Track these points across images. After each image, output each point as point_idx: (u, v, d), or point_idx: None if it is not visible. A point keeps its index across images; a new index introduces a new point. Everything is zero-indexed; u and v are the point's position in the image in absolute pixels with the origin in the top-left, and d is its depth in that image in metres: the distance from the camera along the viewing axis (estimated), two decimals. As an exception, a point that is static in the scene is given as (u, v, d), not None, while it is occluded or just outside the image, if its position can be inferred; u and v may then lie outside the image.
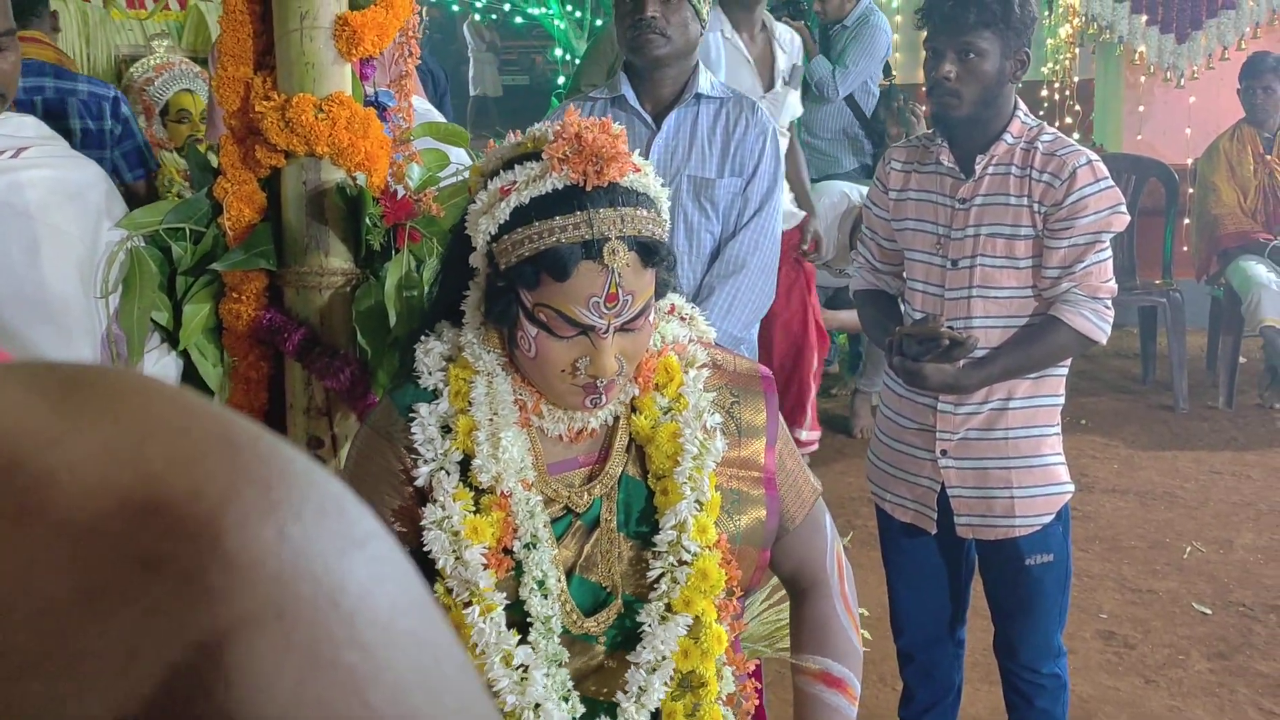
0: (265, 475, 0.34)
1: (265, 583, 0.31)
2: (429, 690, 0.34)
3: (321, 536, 0.33)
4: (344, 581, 0.33)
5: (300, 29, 2.21)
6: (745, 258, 3.00)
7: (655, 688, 1.66)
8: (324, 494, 0.35)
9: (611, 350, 1.60)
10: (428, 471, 1.67)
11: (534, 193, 1.56)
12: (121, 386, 0.34)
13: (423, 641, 0.35)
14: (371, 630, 0.33)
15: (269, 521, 0.32)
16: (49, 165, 2.28)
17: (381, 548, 0.35)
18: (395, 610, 0.34)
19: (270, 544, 0.32)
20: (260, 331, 2.29)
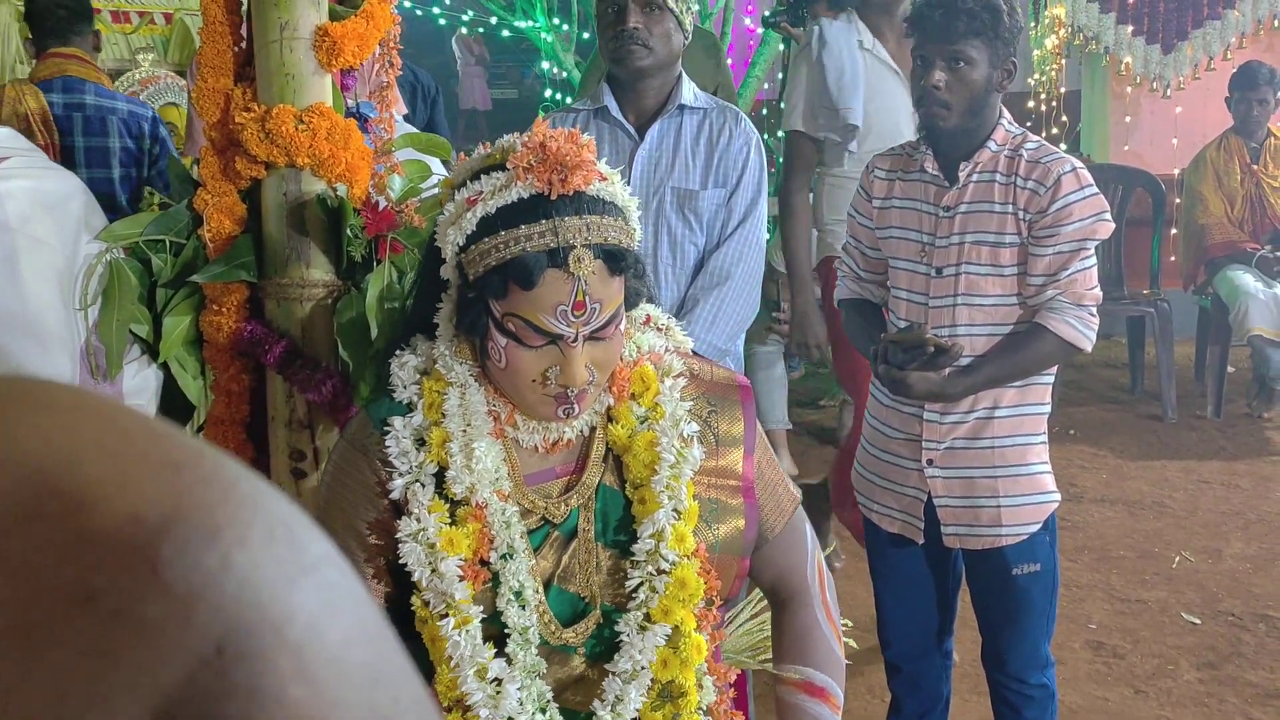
0: (208, 498, 0.32)
1: (206, 615, 0.30)
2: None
3: (268, 563, 0.32)
4: (292, 611, 0.31)
5: (280, 40, 2.20)
6: (729, 269, 2.99)
7: (632, 697, 1.66)
8: (272, 517, 0.33)
9: (581, 359, 1.60)
10: (403, 484, 1.67)
11: (500, 202, 1.57)
12: (51, 402, 0.32)
13: (376, 674, 0.33)
14: (320, 663, 0.31)
15: (212, 548, 0.30)
16: (28, 176, 2.27)
17: (333, 574, 0.34)
18: (347, 641, 0.33)
19: (212, 573, 0.30)
20: (241, 344, 2.27)
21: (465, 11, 10.16)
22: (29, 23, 4.22)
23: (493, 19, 8.75)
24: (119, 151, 3.88)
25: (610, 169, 1.65)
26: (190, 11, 5.49)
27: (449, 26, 11.74)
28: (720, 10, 7.86)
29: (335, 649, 0.32)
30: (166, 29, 5.79)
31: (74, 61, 4.04)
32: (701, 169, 3.03)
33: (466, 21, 10.47)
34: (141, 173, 3.94)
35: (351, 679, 0.32)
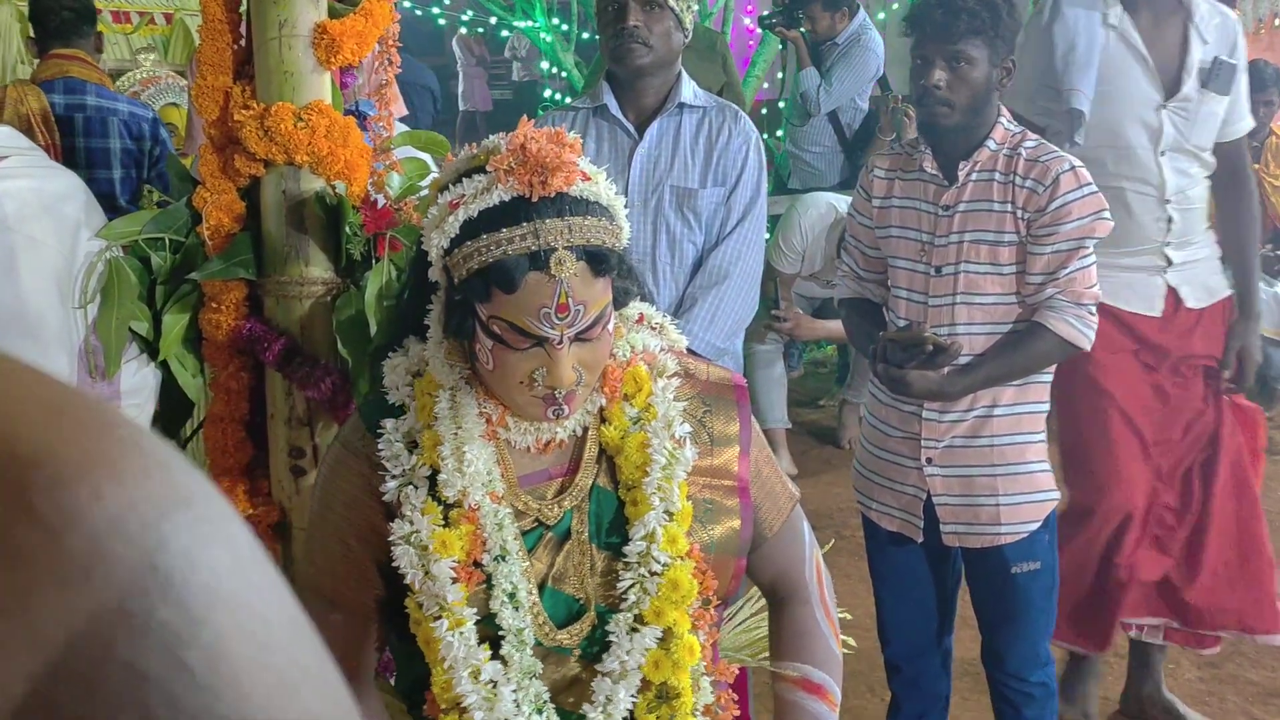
0: (84, 437, 0.33)
1: (77, 542, 0.31)
2: (255, 650, 0.33)
3: (141, 497, 0.32)
4: (163, 539, 0.32)
5: (279, 37, 2.21)
6: (728, 268, 2.99)
7: (621, 698, 1.65)
8: (147, 456, 0.34)
9: (568, 361, 1.59)
10: (395, 486, 1.67)
11: (481, 205, 1.56)
12: None
13: (250, 603, 0.34)
14: (191, 590, 0.32)
15: (84, 481, 0.32)
16: (27, 175, 2.27)
17: (209, 509, 0.34)
18: (219, 570, 0.33)
19: (83, 504, 0.31)
20: (240, 341, 2.27)
21: (465, 11, 10.16)
22: (33, 23, 4.23)
23: (493, 19, 8.75)
24: (120, 153, 3.89)
25: (595, 168, 1.63)
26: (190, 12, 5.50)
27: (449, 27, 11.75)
28: (720, 10, 7.86)
29: (207, 578, 0.33)
30: (167, 29, 5.80)
31: (76, 63, 4.05)
32: (701, 167, 3.03)
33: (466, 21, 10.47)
34: (142, 174, 3.95)
35: (224, 605, 0.33)
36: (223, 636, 0.32)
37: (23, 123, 3.67)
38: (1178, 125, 3.34)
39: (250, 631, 0.33)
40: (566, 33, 8.24)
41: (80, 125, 3.92)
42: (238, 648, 0.33)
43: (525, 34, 8.70)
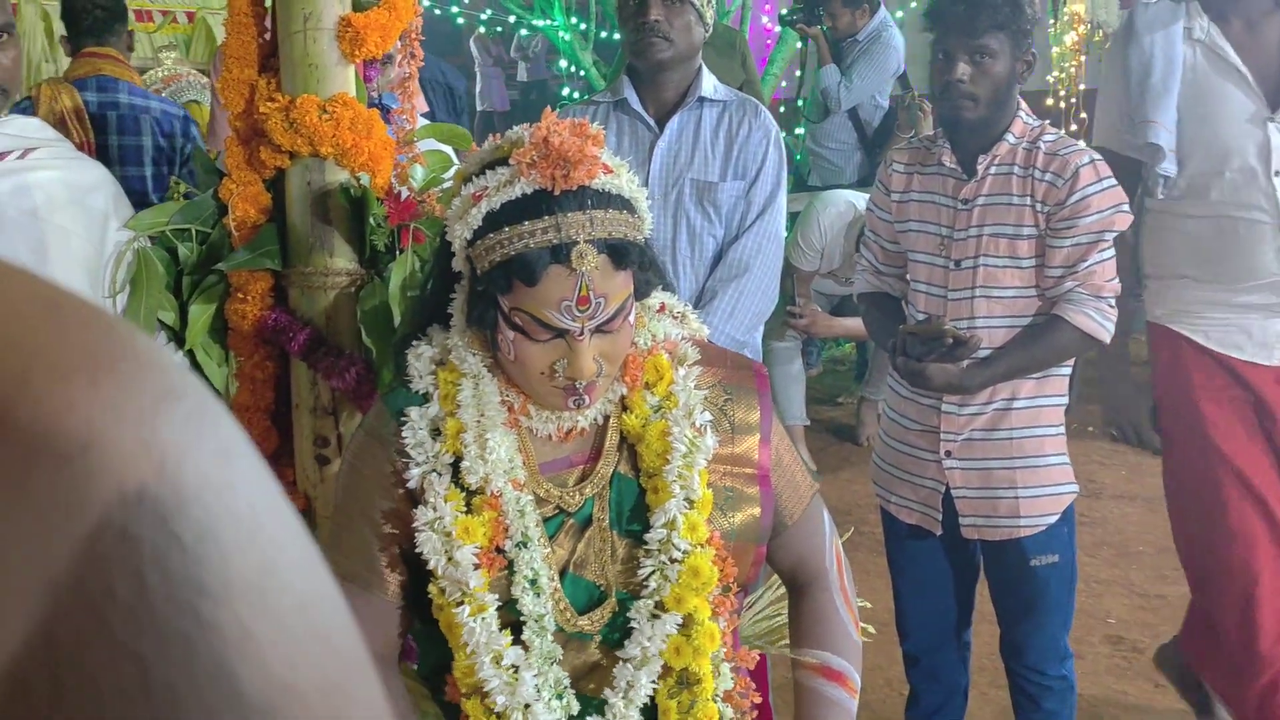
0: (80, 334, 0.35)
1: (75, 424, 0.33)
2: (239, 530, 0.35)
3: (137, 389, 0.35)
4: (156, 427, 0.34)
5: (304, 31, 2.23)
6: (748, 261, 3.00)
7: (642, 684, 1.67)
8: (142, 354, 0.36)
9: (589, 352, 1.61)
10: (419, 474, 1.68)
11: (504, 198, 1.58)
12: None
13: (235, 486, 0.36)
14: (182, 471, 0.34)
15: (81, 372, 0.34)
16: (55, 167, 2.30)
17: (202, 404, 0.37)
18: (209, 457, 0.36)
19: (80, 391, 0.33)
20: (266, 331, 2.30)
21: (484, 10, 10.18)
22: (65, 22, 4.28)
23: (511, 18, 8.77)
24: (151, 150, 3.93)
25: (618, 160, 1.65)
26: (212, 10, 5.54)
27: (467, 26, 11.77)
28: (738, 9, 7.87)
29: (196, 462, 0.35)
30: (189, 28, 5.83)
31: (109, 61, 4.10)
32: (720, 161, 3.04)
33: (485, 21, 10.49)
34: (174, 171, 3.99)
35: (212, 486, 0.35)
36: (210, 514, 0.34)
37: (57, 120, 3.71)
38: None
39: (235, 512, 0.35)
40: (585, 31, 8.25)
41: (113, 123, 3.96)
42: (223, 526, 0.35)
43: (544, 33, 8.72)
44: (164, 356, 0.37)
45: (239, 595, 0.35)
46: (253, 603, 0.35)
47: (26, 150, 2.28)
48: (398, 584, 1.73)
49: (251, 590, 0.35)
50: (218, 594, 0.34)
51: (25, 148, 2.28)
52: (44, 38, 5.01)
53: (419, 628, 1.80)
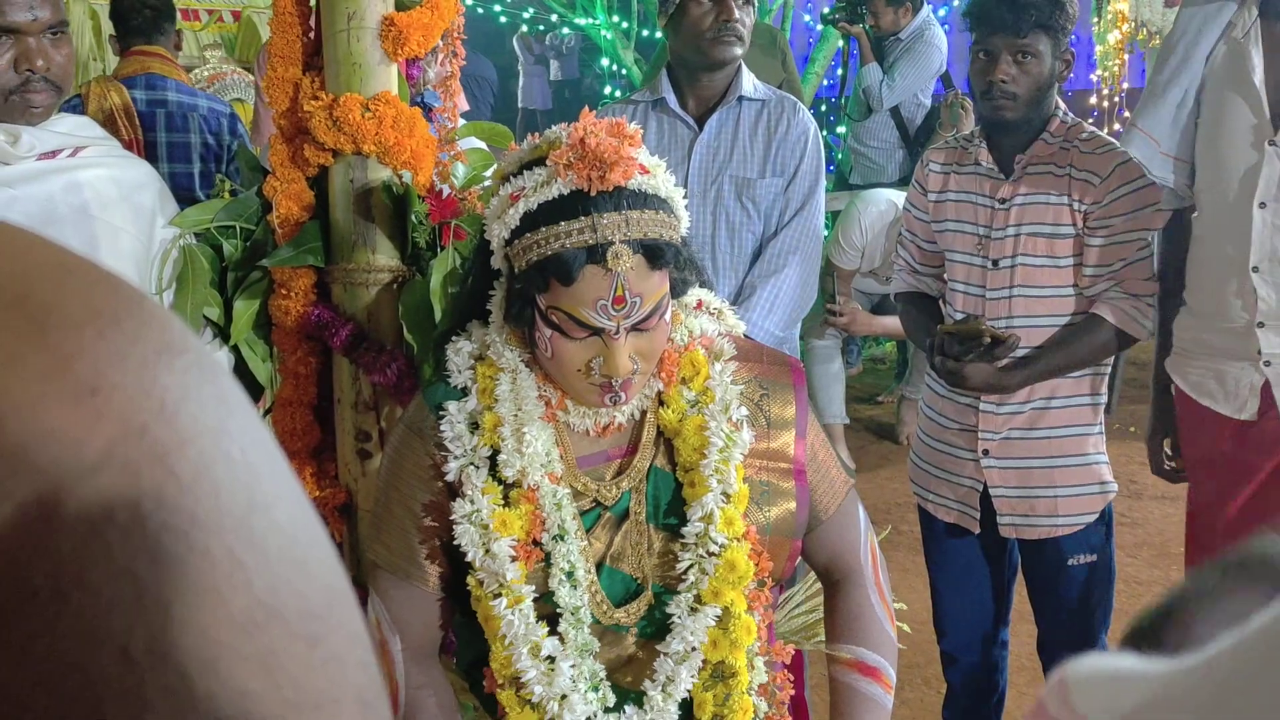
0: (90, 292, 0.39)
1: (84, 369, 0.36)
2: (232, 470, 0.39)
3: (142, 341, 0.38)
4: (158, 375, 0.38)
5: (348, 30, 2.25)
6: (787, 257, 3.01)
7: (683, 678, 1.68)
8: (148, 311, 0.40)
9: (625, 351, 1.63)
10: (457, 467, 1.71)
11: (541, 198, 1.59)
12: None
13: (230, 432, 0.39)
14: (181, 415, 0.38)
15: (91, 324, 0.37)
16: (105, 164, 2.33)
17: (202, 359, 0.40)
18: (207, 405, 0.39)
19: (90, 340, 0.37)
20: (309, 327, 2.33)
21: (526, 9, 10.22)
22: (114, 21, 4.34)
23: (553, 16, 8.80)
24: (199, 147, 3.98)
25: (655, 160, 1.66)
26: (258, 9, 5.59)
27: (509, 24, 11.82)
28: (779, 7, 7.87)
29: (196, 408, 0.38)
30: (234, 26, 5.89)
31: (157, 60, 4.15)
32: (760, 158, 3.05)
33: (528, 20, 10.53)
34: (221, 168, 4.04)
35: (209, 430, 0.38)
36: (205, 454, 0.38)
37: (106, 118, 3.76)
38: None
39: (228, 454, 0.39)
40: (626, 30, 8.27)
41: (162, 121, 4.02)
42: (217, 465, 0.38)
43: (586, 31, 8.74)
44: (167, 315, 0.40)
45: (229, 527, 0.38)
46: (241, 534, 0.38)
47: (77, 149, 2.32)
48: (438, 576, 1.75)
49: (240, 523, 0.38)
50: (209, 525, 0.37)
51: (76, 146, 2.32)
52: (92, 36, 5.08)
53: (459, 620, 1.82)
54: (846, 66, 6.96)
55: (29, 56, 2.22)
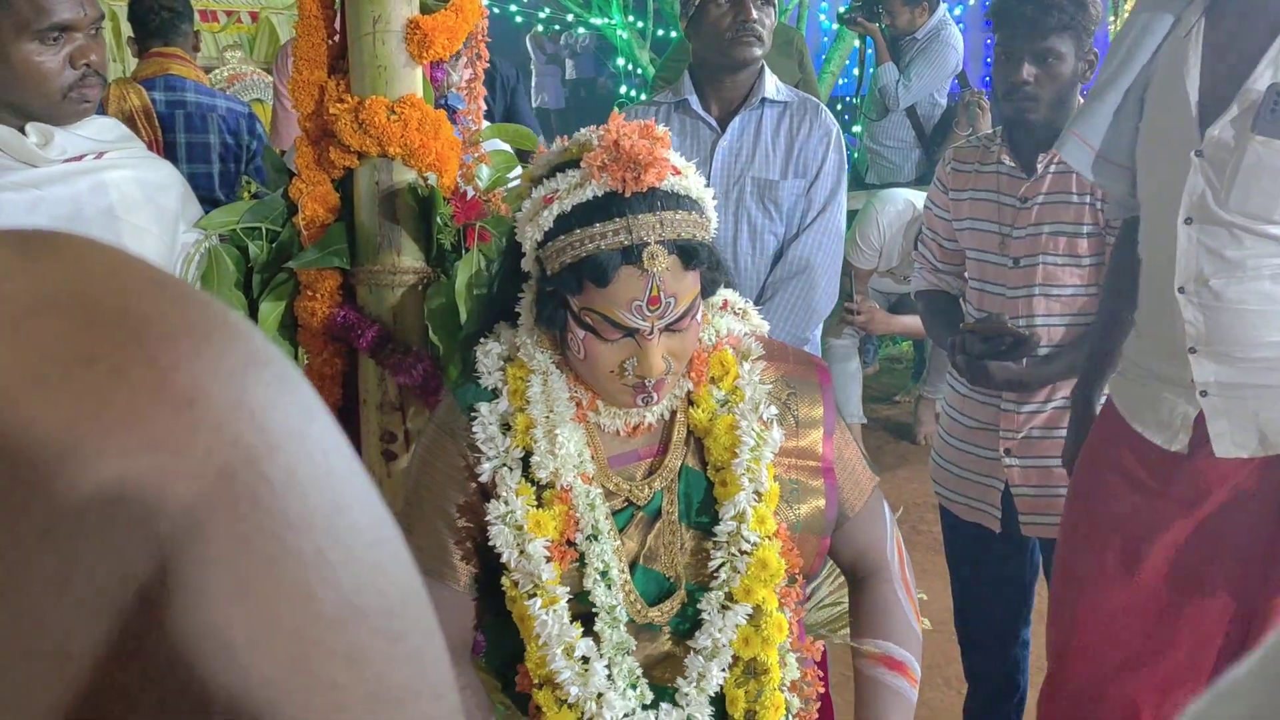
0: (182, 307, 0.41)
1: (182, 382, 0.38)
2: (316, 474, 0.41)
3: (230, 355, 0.40)
4: (247, 386, 0.40)
5: (373, 33, 2.26)
6: (809, 258, 3.02)
7: (713, 674, 1.70)
8: (234, 326, 0.42)
9: (658, 351, 1.64)
10: (490, 468, 1.72)
11: (575, 200, 1.60)
12: (72, 240, 0.42)
13: (314, 437, 0.42)
14: (270, 423, 0.40)
15: (186, 339, 0.39)
16: (130, 166, 2.35)
17: (285, 370, 0.42)
18: (291, 413, 0.41)
19: (185, 354, 0.39)
20: (334, 328, 2.34)
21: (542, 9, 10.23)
22: (132, 23, 4.37)
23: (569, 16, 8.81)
24: (218, 147, 4.00)
25: (685, 162, 1.67)
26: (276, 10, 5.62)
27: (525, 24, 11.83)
28: (795, 6, 7.87)
29: (282, 417, 0.41)
30: (252, 27, 5.91)
31: (175, 61, 4.17)
32: (781, 160, 3.06)
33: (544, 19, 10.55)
34: (240, 169, 4.06)
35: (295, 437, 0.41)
36: (292, 460, 0.40)
37: (126, 119, 3.78)
38: (1212, 180, 2.28)
39: (313, 458, 0.41)
40: (642, 30, 8.28)
41: (181, 122, 4.04)
42: (304, 469, 0.41)
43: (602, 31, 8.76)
44: (252, 328, 0.42)
45: (317, 528, 0.40)
46: (328, 535, 0.41)
47: (102, 151, 2.34)
48: (470, 576, 1.77)
49: (327, 525, 0.41)
50: (299, 526, 0.40)
51: (101, 150, 2.34)
52: (111, 38, 5.10)
53: (489, 620, 1.83)
54: (863, 66, 6.96)
55: (84, 52, 2.25)
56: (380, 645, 0.41)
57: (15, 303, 0.38)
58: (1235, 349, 2.30)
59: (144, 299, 0.40)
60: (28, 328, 0.37)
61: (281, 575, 0.39)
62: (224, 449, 0.38)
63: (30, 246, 0.40)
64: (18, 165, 2.25)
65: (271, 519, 0.39)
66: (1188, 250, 2.30)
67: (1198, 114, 2.29)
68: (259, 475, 0.39)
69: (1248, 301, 2.28)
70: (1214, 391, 2.33)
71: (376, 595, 0.42)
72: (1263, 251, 2.25)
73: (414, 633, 0.43)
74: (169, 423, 0.38)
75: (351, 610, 0.41)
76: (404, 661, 0.42)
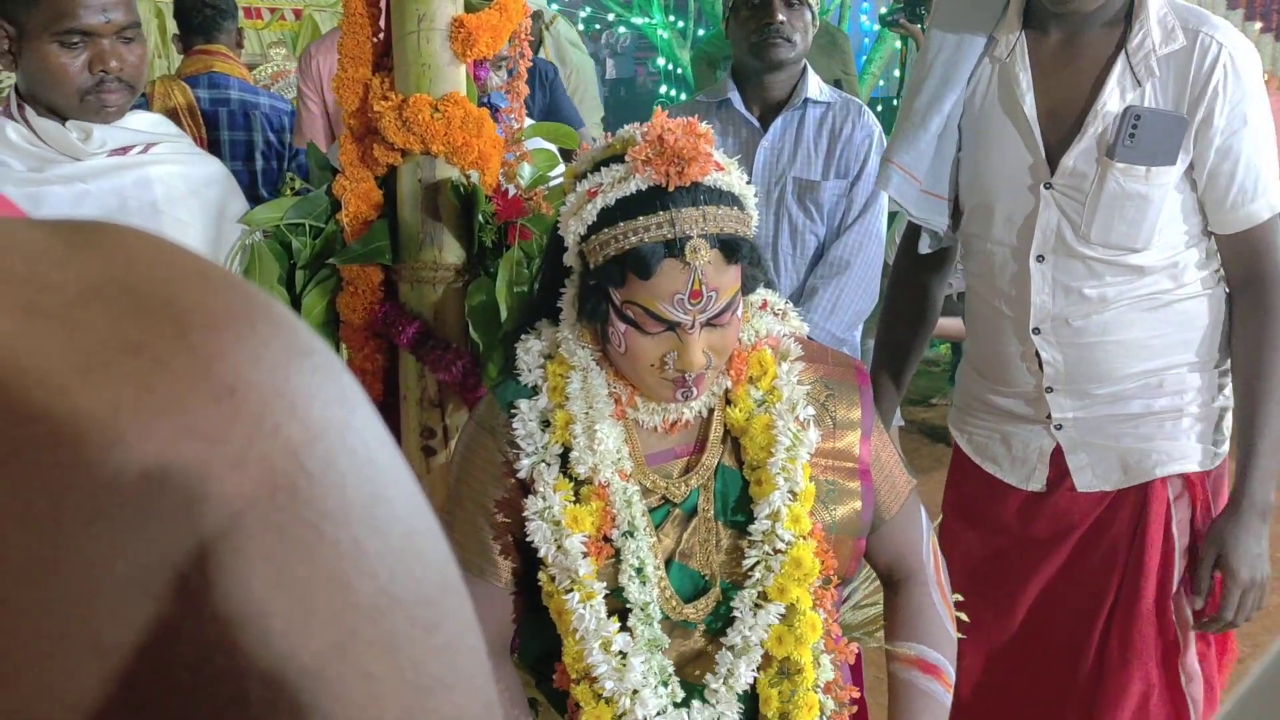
0: (226, 297, 0.41)
1: (224, 372, 0.39)
2: (355, 463, 0.42)
3: (273, 345, 0.41)
4: (289, 376, 0.41)
5: (418, 31, 2.28)
6: (849, 259, 3.02)
7: (742, 671, 1.70)
8: (277, 316, 0.42)
9: (699, 345, 1.64)
10: (529, 464, 1.73)
11: (619, 194, 1.62)
12: (120, 230, 0.42)
13: (354, 427, 0.42)
14: (310, 413, 0.40)
15: (229, 329, 0.40)
16: (175, 161, 2.37)
17: (326, 361, 0.43)
18: (331, 403, 0.42)
19: (228, 344, 0.39)
20: (376, 324, 2.35)
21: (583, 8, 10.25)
22: (177, 20, 4.41)
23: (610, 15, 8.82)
24: (261, 144, 4.03)
25: (728, 158, 1.68)
26: (320, 7, 5.65)
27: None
28: (836, 7, 7.86)
29: (322, 407, 0.41)
30: (296, 24, 5.95)
31: (219, 58, 4.21)
32: (823, 160, 3.06)
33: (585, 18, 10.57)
34: (282, 165, 4.09)
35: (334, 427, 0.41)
36: (332, 450, 0.41)
37: (170, 117, 3.82)
38: (1068, 213, 2.17)
39: (352, 449, 0.41)
40: (683, 29, 8.28)
41: (224, 119, 4.08)
42: (343, 460, 0.41)
43: (643, 31, 8.76)
44: (294, 318, 0.43)
45: (355, 518, 0.41)
46: (366, 525, 0.41)
47: (148, 145, 2.36)
48: (510, 571, 1.78)
49: (365, 515, 0.41)
50: (337, 516, 0.40)
51: (147, 142, 2.36)
52: (157, 35, 5.15)
53: (525, 617, 1.84)
54: (904, 67, 6.94)
55: (102, 58, 2.25)
56: (417, 635, 0.42)
57: (64, 292, 0.38)
58: (1095, 385, 2.22)
59: (188, 288, 0.40)
60: (75, 317, 0.38)
61: (319, 565, 0.39)
62: (264, 439, 0.39)
63: (78, 237, 0.41)
64: (62, 158, 2.28)
65: (309, 509, 0.39)
66: (1042, 289, 2.19)
67: (1041, 141, 2.17)
68: (298, 466, 0.39)
69: (1110, 333, 2.19)
70: (1070, 426, 2.23)
71: (413, 585, 0.42)
72: (1123, 281, 2.16)
73: (450, 623, 0.43)
74: (210, 411, 0.38)
75: (388, 600, 0.41)
76: (440, 651, 0.43)
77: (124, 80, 2.30)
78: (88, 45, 2.25)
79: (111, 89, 2.28)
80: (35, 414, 0.36)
